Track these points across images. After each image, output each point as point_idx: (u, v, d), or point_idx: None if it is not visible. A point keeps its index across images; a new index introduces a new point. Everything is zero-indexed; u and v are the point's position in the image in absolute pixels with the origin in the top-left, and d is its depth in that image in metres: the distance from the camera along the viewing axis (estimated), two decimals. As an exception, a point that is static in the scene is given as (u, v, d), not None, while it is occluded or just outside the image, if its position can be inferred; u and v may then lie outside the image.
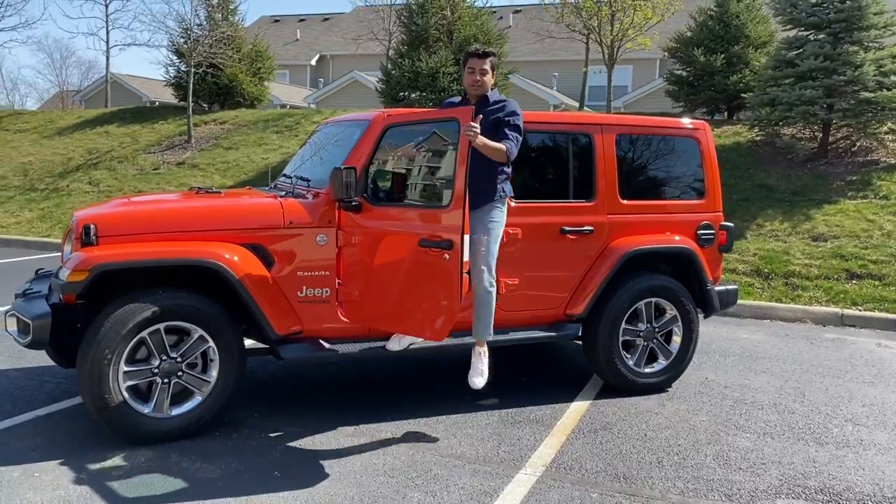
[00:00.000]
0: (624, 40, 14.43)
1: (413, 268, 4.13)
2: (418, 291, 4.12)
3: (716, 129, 13.50)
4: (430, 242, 4.01)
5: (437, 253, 3.98)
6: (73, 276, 3.86)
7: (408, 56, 15.32)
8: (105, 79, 23.85)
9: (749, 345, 6.79)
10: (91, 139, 17.45)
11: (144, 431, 4.04)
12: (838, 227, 9.61)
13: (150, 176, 14.92)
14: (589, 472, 3.91)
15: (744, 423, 4.70)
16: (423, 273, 4.08)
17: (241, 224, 4.31)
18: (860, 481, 3.89)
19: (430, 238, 4.02)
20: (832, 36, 11.27)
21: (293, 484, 3.68)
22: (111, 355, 3.91)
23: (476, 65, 4.36)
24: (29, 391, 4.96)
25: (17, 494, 3.49)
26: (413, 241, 4.10)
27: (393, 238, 4.26)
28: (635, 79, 27.48)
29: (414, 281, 4.14)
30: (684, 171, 5.42)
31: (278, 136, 15.88)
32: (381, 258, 4.32)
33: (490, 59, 4.39)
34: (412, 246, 4.10)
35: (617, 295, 5.03)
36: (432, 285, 4.04)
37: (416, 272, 4.12)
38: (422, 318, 4.13)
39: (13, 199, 14.56)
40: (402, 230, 4.22)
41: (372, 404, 4.87)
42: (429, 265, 4.03)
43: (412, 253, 4.11)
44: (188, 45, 16.52)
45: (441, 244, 3.95)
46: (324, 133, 5.34)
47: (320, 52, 33.89)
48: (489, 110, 4.29)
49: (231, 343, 4.21)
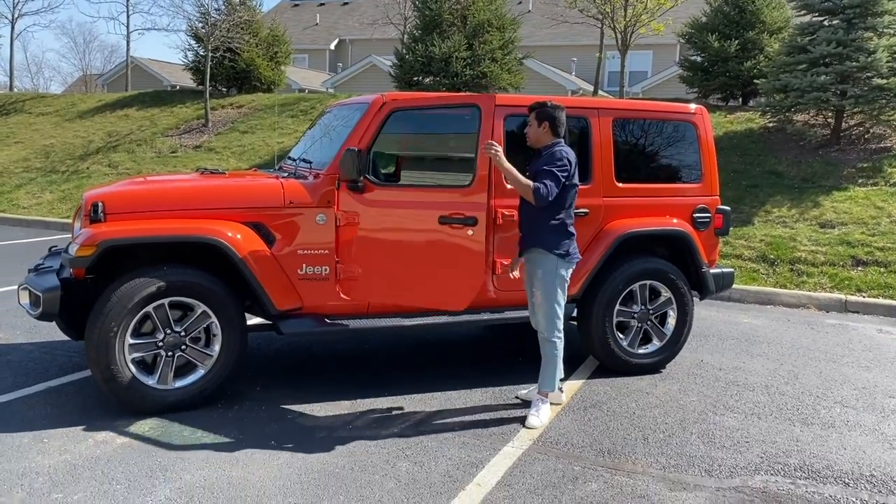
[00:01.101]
0: (637, 26, 14.37)
1: (432, 244, 4.42)
2: (439, 266, 4.43)
3: (728, 116, 13.48)
4: (453, 219, 4.34)
5: (459, 229, 4.32)
6: (82, 251, 4.04)
7: (421, 41, 15.39)
8: (126, 63, 24.11)
9: (749, 329, 6.86)
10: (111, 122, 17.71)
11: (149, 402, 4.22)
12: (846, 214, 9.60)
13: (168, 159, 15.15)
14: (574, 447, 4.03)
15: (733, 404, 4.80)
16: (445, 248, 4.38)
17: (243, 203, 4.45)
18: (840, 460, 3.98)
19: (452, 215, 4.33)
20: (846, 22, 11.19)
21: (289, 453, 3.84)
22: (117, 328, 4.08)
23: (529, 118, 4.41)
24: (42, 363, 5.17)
25: (26, 458, 3.68)
26: (432, 218, 4.37)
27: (407, 216, 4.49)
28: (655, 64, 27.31)
29: (433, 256, 4.43)
30: (681, 155, 5.48)
31: (293, 120, 16.03)
32: (392, 236, 4.52)
33: (534, 111, 4.36)
34: (432, 223, 4.38)
35: (612, 277, 5.13)
36: (455, 259, 4.36)
37: (436, 248, 4.41)
38: (443, 291, 4.43)
39: (35, 181, 14.85)
40: (417, 208, 4.43)
41: (369, 380, 5.02)
42: (450, 241, 4.36)
43: (431, 230, 4.39)
44: (206, 30, 16.69)
45: (466, 220, 4.31)
46: (329, 116, 5.47)
47: (339, 37, 33.93)
48: (539, 159, 4.36)
49: (233, 318, 4.37)
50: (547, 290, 4.31)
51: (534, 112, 4.37)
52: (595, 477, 3.68)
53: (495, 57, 15.14)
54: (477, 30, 15.18)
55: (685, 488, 3.60)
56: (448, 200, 4.40)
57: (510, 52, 15.59)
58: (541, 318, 4.37)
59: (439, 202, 4.40)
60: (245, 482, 3.51)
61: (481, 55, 14.91)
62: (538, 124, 4.35)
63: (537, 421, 4.29)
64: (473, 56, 14.87)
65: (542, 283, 4.31)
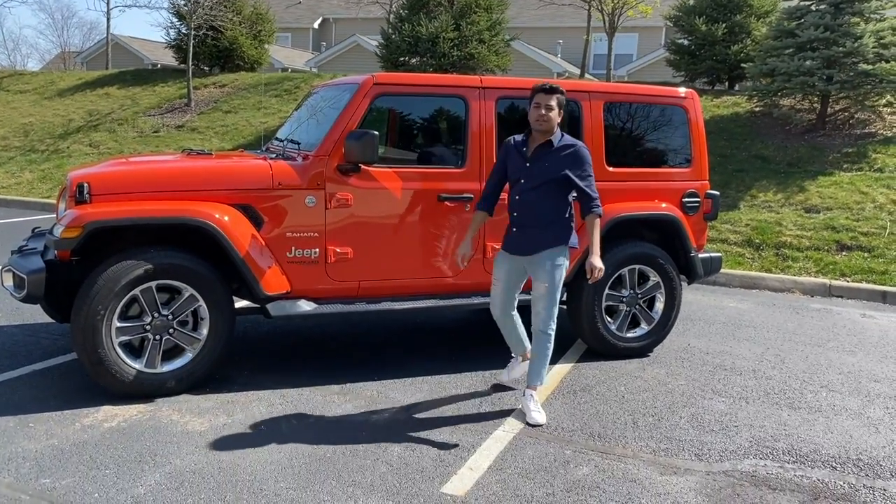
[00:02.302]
0: (625, 8, 14.32)
1: (431, 220, 4.73)
2: (438, 240, 4.77)
3: (715, 100, 13.49)
4: (451, 196, 4.73)
5: (457, 205, 4.73)
6: (67, 232, 3.97)
7: (408, 20, 15.25)
8: (106, 40, 23.73)
9: (735, 313, 6.90)
10: (91, 101, 17.44)
11: (136, 386, 4.17)
12: (832, 199, 9.66)
13: (150, 138, 14.96)
14: (565, 431, 4.04)
15: (721, 388, 4.83)
16: (444, 224, 4.76)
17: (230, 185, 4.39)
18: (827, 444, 4.02)
19: (451, 192, 4.73)
20: (833, 6, 11.21)
21: (278, 438, 3.82)
22: (104, 311, 4.03)
23: (542, 100, 4.02)
24: (26, 346, 5.10)
25: (12, 442, 3.63)
26: (431, 196, 4.69)
27: (403, 195, 4.66)
28: (640, 47, 27.29)
29: (432, 231, 4.75)
30: (671, 140, 5.48)
31: (277, 99, 15.87)
32: (388, 215, 4.65)
33: (557, 96, 4.02)
34: (430, 201, 4.70)
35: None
36: (454, 233, 4.77)
37: (435, 224, 4.75)
38: (443, 262, 4.80)
39: (13, 160, 14.62)
40: (414, 188, 4.68)
41: (360, 364, 5.00)
42: (449, 217, 4.76)
43: (430, 207, 4.71)
44: (188, 7, 16.43)
45: (462, 197, 4.73)
46: (316, 97, 5.40)
47: (323, 16, 33.59)
48: (555, 155, 4.07)
49: (221, 302, 4.33)
50: (555, 283, 4.12)
51: (556, 95, 4.03)
52: (586, 461, 3.69)
53: (483, 38, 15.03)
54: (464, 10, 15.06)
55: (676, 472, 3.62)
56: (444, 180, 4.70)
57: (498, 34, 15.49)
58: (541, 309, 4.16)
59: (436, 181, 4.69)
60: (235, 467, 3.48)
61: (469, 36, 14.80)
62: (559, 110, 4.06)
63: (542, 416, 4.13)
64: (461, 37, 14.74)
65: (551, 276, 4.11)
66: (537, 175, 4.07)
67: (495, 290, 4.34)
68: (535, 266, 4.15)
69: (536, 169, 4.08)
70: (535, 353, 4.24)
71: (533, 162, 4.09)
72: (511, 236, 4.25)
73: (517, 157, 4.16)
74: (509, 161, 4.22)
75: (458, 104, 4.84)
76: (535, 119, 4.04)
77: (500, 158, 4.31)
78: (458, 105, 4.84)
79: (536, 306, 4.19)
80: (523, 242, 4.17)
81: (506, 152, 4.26)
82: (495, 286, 4.34)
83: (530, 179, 4.08)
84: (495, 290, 4.34)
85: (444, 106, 4.90)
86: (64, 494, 3.17)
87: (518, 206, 4.16)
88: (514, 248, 4.22)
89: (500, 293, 4.33)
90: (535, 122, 4.06)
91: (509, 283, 4.30)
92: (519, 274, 4.29)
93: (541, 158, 4.08)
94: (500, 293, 4.33)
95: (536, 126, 4.06)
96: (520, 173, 4.13)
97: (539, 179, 4.07)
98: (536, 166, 4.08)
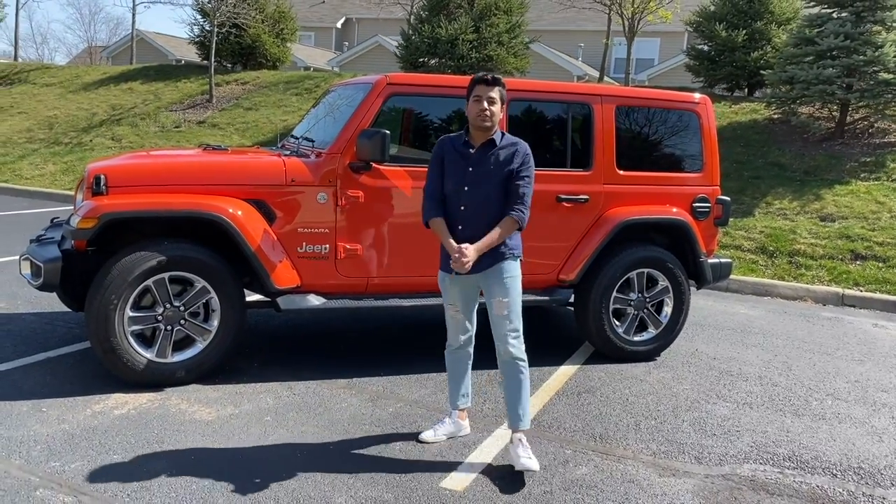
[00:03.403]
0: (645, 13, 14.30)
1: None
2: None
3: (734, 106, 13.44)
4: None
5: None
6: (83, 223, 4.07)
7: (428, 22, 15.32)
8: (131, 35, 24.02)
9: (745, 320, 6.89)
10: (115, 95, 17.67)
11: (147, 375, 4.26)
12: (847, 208, 9.61)
13: (171, 133, 15.14)
14: (566, 431, 4.08)
15: (725, 393, 4.84)
16: None
17: (245, 180, 4.47)
18: (829, 451, 4.03)
19: None
20: (855, 14, 11.15)
21: (284, 429, 3.89)
22: (117, 300, 4.12)
23: (483, 92, 3.50)
24: (42, 334, 5.21)
25: (25, 426, 3.73)
26: None
27: (414, 194, 4.63)
28: (662, 52, 27.19)
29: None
30: (683, 144, 5.49)
31: (297, 98, 16.00)
32: (398, 214, 4.69)
33: (499, 88, 3.52)
34: None
35: (610, 263, 5.15)
36: None
37: None
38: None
39: (38, 152, 14.85)
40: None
41: (367, 360, 5.06)
42: None
43: None
44: (212, 4, 16.61)
45: None
46: (332, 96, 5.48)
47: (346, 15, 33.76)
48: (498, 154, 3.56)
49: (232, 295, 4.41)
50: (516, 297, 3.59)
51: (497, 87, 3.52)
52: (586, 461, 3.72)
53: (501, 40, 15.08)
54: (484, 12, 15.12)
55: (674, 474, 3.64)
56: None
57: (517, 36, 15.52)
58: (508, 331, 3.57)
59: None
60: (240, 455, 3.55)
61: (487, 38, 14.85)
62: (502, 104, 3.56)
63: (535, 463, 3.53)
64: (480, 39, 14.80)
65: (512, 289, 3.57)
66: (482, 180, 3.53)
67: (453, 317, 3.76)
68: (491, 281, 3.57)
69: (481, 172, 3.54)
70: (512, 388, 3.62)
71: (476, 165, 3.55)
72: None
73: (457, 161, 3.58)
74: (447, 165, 3.61)
75: None
76: (476, 114, 3.49)
77: (434, 160, 3.67)
78: None
79: (501, 328, 3.58)
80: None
81: (441, 154, 3.65)
82: (452, 313, 3.76)
83: (475, 185, 3.53)
84: (454, 318, 3.76)
85: (456, 107, 4.95)
86: (72, 477, 3.25)
87: (463, 217, 3.55)
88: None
89: (461, 319, 3.76)
90: (475, 118, 3.51)
91: (467, 306, 3.74)
92: (473, 294, 3.73)
93: (484, 160, 3.55)
94: (461, 319, 3.76)
95: (477, 122, 3.51)
96: (462, 179, 3.55)
97: (484, 184, 3.53)
98: (481, 169, 3.54)
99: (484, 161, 3.55)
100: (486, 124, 3.51)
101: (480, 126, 3.52)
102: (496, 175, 3.54)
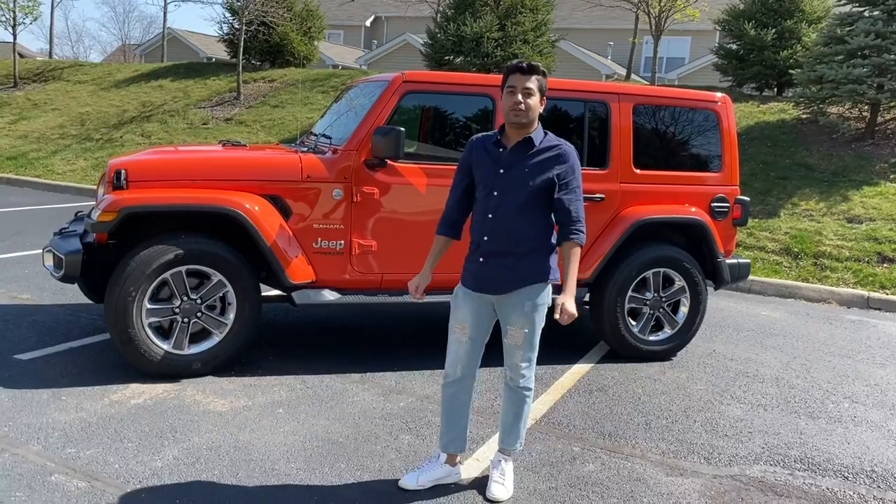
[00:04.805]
0: (672, 11, 14.18)
1: None
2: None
3: (762, 106, 13.28)
4: None
5: None
6: (103, 216, 4.17)
7: (454, 20, 15.35)
8: (162, 34, 24.37)
9: (766, 321, 6.82)
10: (146, 92, 17.94)
11: (164, 366, 4.34)
12: (875, 210, 9.46)
13: (199, 130, 15.33)
14: (577, 429, 4.08)
15: (740, 394, 4.80)
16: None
17: (261, 176, 4.54)
18: (842, 454, 3.98)
19: None
20: (886, 13, 10.95)
21: (296, 421, 3.94)
22: (135, 292, 4.20)
23: (518, 82, 3.05)
24: (66, 325, 5.33)
25: (44, 413, 3.82)
26: None
27: (428, 191, 4.71)
28: (693, 51, 26.93)
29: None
30: (702, 144, 5.46)
31: (324, 96, 16.11)
32: (413, 210, 4.73)
33: (536, 76, 3.06)
34: None
35: (626, 262, 5.14)
36: None
37: None
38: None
39: (70, 148, 15.13)
40: (440, 184, 4.61)
41: (381, 355, 5.11)
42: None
43: None
44: (241, 3, 16.80)
45: None
46: (351, 93, 5.54)
47: (375, 14, 33.91)
48: (537, 157, 3.11)
49: (248, 289, 4.48)
50: (536, 328, 3.22)
51: (535, 76, 3.07)
52: (593, 458, 3.73)
53: (527, 38, 15.06)
54: (510, 10, 15.11)
55: (682, 474, 3.63)
56: None
57: (543, 35, 15.49)
58: (519, 361, 3.25)
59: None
60: (250, 446, 3.61)
61: (513, 36, 14.84)
62: (541, 96, 3.11)
63: (504, 492, 3.26)
64: (505, 37, 14.79)
65: (531, 320, 3.19)
66: (514, 185, 3.10)
67: (459, 340, 3.28)
68: (509, 307, 3.18)
69: (514, 177, 3.10)
70: (511, 413, 3.36)
71: (508, 168, 3.11)
72: (475, 267, 3.21)
73: (487, 162, 3.16)
74: (476, 167, 3.20)
75: (487, 102, 4.91)
76: (510, 108, 3.06)
77: (462, 163, 3.28)
78: (486, 103, 4.92)
79: (512, 357, 3.26)
80: (494, 276, 3.16)
81: (471, 155, 3.24)
82: (458, 335, 3.28)
83: (506, 192, 3.10)
84: (459, 341, 3.28)
85: (472, 104, 4.97)
86: (87, 464, 3.33)
87: (489, 228, 3.14)
88: (480, 285, 3.20)
89: (467, 344, 3.27)
90: (508, 113, 3.08)
91: (478, 330, 3.27)
92: (488, 318, 3.29)
93: (519, 162, 3.11)
94: (467, 344, 3.27)
95: (511, 117, 3.08)
96: (492, 184, 3.12)
97: (517, 191, 3.10)
98: (514, 173, 3.11)
99: (518, 163, 3.10)
100: (521, 120, 3.06)
101: (514, 122, 3.08)
102: (531, 181, 3.08)
